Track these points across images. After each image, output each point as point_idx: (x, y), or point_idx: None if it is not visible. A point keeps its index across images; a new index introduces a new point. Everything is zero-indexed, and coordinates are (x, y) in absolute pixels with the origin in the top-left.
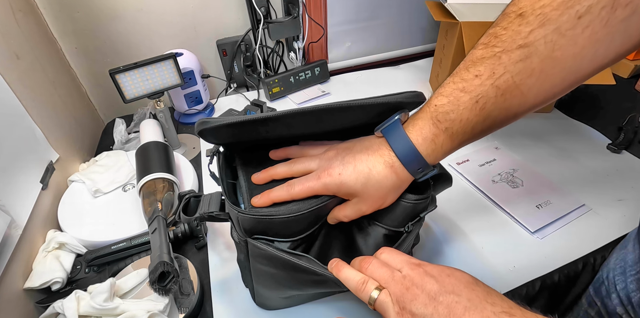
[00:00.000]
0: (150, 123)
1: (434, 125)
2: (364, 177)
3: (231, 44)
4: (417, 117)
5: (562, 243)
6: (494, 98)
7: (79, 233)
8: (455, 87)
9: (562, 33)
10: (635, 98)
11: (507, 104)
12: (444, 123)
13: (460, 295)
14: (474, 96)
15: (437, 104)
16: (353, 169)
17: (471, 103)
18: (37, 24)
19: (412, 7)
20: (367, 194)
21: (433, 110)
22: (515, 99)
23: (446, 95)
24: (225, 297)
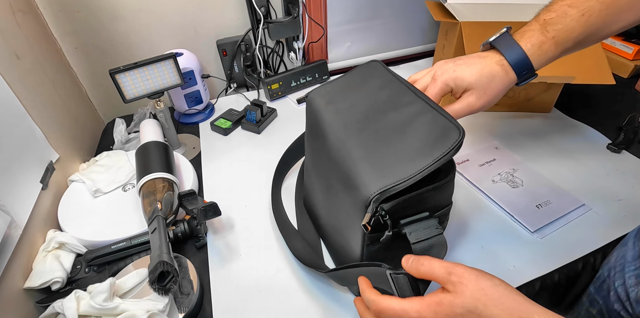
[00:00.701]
0: (150, 123)
1: (542, 34)
2: (478, 71)
3: (231, 44)
4: (526, 29)
5: (562, 243)
6: (597, 12)
7: (79, 233)
8: (564, 3)
9: None
10: (635, 98)
11: (608, 18)
12: (551, 32)
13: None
14: (581, 10)
15: (546, 18)
16: (466, 66)
17: (578, 15)
18: (37, 24)
19: (412, 7)
20: (480, 85)
21: (542, 22)
22: (615, 14)
23: (554, 11)
24: (225, 296)
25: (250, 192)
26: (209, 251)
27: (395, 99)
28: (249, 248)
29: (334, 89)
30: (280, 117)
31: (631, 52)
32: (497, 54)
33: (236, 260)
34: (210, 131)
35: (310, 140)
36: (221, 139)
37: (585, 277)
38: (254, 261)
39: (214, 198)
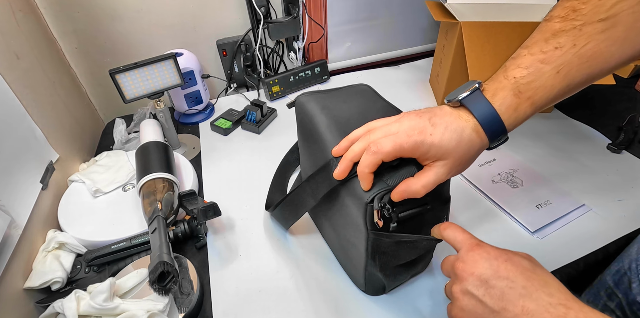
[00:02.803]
0: (150, 123)
1: (515, 96)
2: (457, 138)
3: (231, 44)
4: (496, 87)
5: (562, 243)
6: (577, 66)
7: (79, 233)
8: (535, 59)
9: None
10: (635, 98)
11: (590, 70)
12: (525, 93)
13: (515, 281)
14: (556, 66)
15: (517, 76)
16: (444, 129)
17: (553, 72)
18: (37, 24)
19: (412, 7)
20: (457, 156)
21: (513, 82)
22: (598, 64)
23: (525, 67)
24: (225, 296)
25: (250, 192)
26: (209, 251)
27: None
28: (249, 249)
29: (326, 97)
30: (280, 117)
31: None
32: (469, 115)
33: (236, 260)
34: (210, 131)
35: (305, 145)
36: (221, 139)
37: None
38: (254, 261)
39: (214, 198)
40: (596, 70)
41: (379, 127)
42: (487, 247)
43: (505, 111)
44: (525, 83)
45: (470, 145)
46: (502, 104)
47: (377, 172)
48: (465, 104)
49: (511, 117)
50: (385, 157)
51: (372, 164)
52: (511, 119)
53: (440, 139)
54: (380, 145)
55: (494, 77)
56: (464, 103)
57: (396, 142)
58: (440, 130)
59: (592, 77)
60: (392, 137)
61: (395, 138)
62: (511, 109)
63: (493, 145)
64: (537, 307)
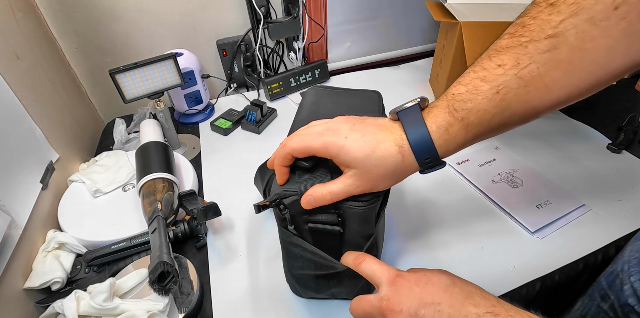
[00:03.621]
0: (150, 123)
1: (449, 114)
2: (370, 148)
3: (231, 44)
4: (434, 105)
5: (562, 243)
6: (515, 89)
7: (79, 233)
8: (475, 76)
9: (596, 23)
10: (635, 98)
11: (529, 97)
12: (460, 112)
13: (441, 302)
14: (495, 86)
15: (455, 93)
16: (360, 137)
17: (491, 93)
18: (37, 24)
19: (412, 7)
20: (366, 168)
21: (450, 98)
22: (538, 91)
23: (464, 84)
24: (225, 296)
25: (251, 192)
26: (209, 251)
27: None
28: (249, 249)
29: (329, 95)
30: (280, 117)
31: None
32: (400, 130)
33: (236, 260)
34: (210, 131)
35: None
36: (221, 139)
37: (585, 277)
38: (253, 261)
39: (214, 199)
40: (536, 98)
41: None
42: (407, 275)
43: (436, 130)
44: (461, 101)
45: (383, 159)
46: (433, 122)
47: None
48: (400, 117)
49: (442, 137)
50: (292, 151)
51: (280, 157)
52: (441, 139)
53: (351, 145)
54: (290, 140)
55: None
56: (399, 116)
57: (303, 139)
58: (356, 137)
59: (533, 108)
60: (304, 134)
61: (306, 136)
62: (442, 128)
63: (424, 170)
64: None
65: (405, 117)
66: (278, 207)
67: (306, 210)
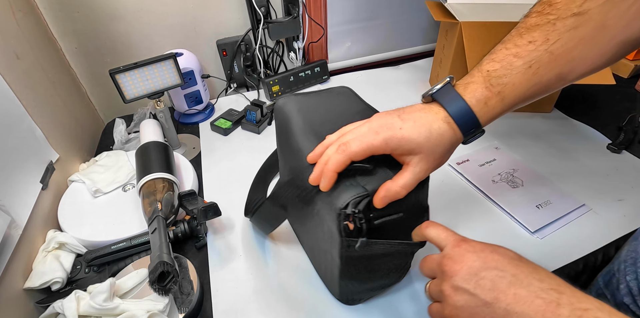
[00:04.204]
0: (150, 123)
1: (486, 89)
2: (426, 131)
3: (231, 44)
4: (469, 81)
5: (562, 243)
6: (546, 63)
7: (79, 233)
8: (508, 53)
9: (615, 4)
10: (635, 98)
11: (559, 70)
12: (496, 87)
13: (504, 270)
14: (527, 61)
15: (490, 69)
16: (414, 123)
17: (524, 68)
18: (37, 24)
19: (412, 7)
20: (430, 150)
21: (486, 75)
22: (567, 64)
23: (498, 61)
24: (225, 297)
25: None
26: (209, 251)
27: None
28: (249, 249)
29: (305, 100)
30: None
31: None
32: (441, 109)
33: (236, 260)
34: (210, 131)
35: (282, 149)
36: (221, 138)
37: (585, 277)
38: (253, 261)
39: (214, 199)
40: (565, 70)
41: (351, 130)
42: (472, 242)
43: (476, 104)
44: (496, 76)
45: (442, 137)
46: (472, 97)
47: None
48: (436, 98)
49: (482, 110)
50: (354, 156)
51: (338, 163)
52: (482, 112)
53: (410, 132)
54: (349, 145)
55: (470, 73)
56: (435, 97)
57: (363, 141)
58: (409, 125)
59: (562, 78)
60: (359, 136)
61: (363, 137)
62: (482, 102)
63: (467, 140)
64: (529, 293)
65: (442, 97)
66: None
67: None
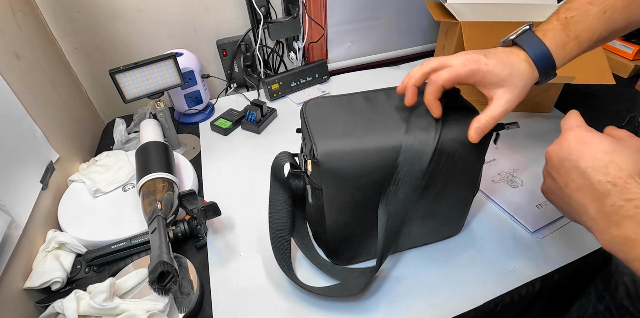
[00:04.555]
0: (150, 123)
1: (565, 35)
2: (509, 67)
3: (231, 44)
4: (547, 28)
5: (562, 243)
6: (620, 8)
7: (79, 233)
8: (584, 1)
9: None
10: (635, 98)
11: (630, 13)
12: (574, 31)
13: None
14: (602, 8)
15: (567, 17)
16: (498, 61)
17: (600, 13)
18: (37, 24)
19: (412, 7)
20: (513, 84)
21: (563, 21)
22: (638, 8)
23: (574, 9)
24: (225, 296)
25: (250, 192)
26: (209, 251)
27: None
28: (249, 248)
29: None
30: (280, 117)
31: (631, 52)
32: (522, 51)
33: (236, 260)
34: (210, 131)
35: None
36: (221, 138)
37: (585, 277)
38: (253, 261)
39: (214, 199)
40: (636, 13)
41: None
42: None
43: (555, 48)
44: (574, 22)
45: (523, 75)
46: (552, 42)
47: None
48: (518, 42)
49: (559, 54)
50: (444, 83)
51: (434, 91)
52: (559, 55)
53: (494, 67)
54: (438, 74)
55: (547, 20)
56: (516, 41)
57: (452, 71)
58: (493, 61)
59: (632, 22)
60: (449, 67)
61: (452, 68)
62: (560, 46)
63: (541, 80)
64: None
65: (524, 42)
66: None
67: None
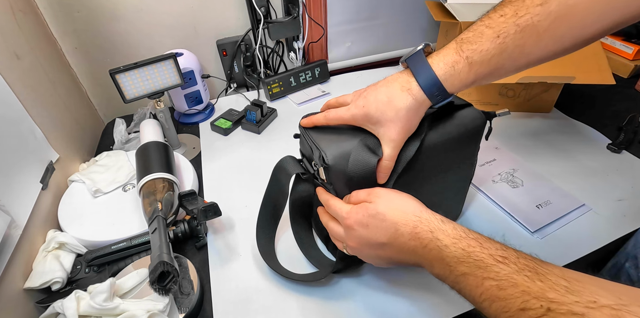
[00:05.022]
0: (150, 123)
1: (456, 53)
2: (383, 104)
3: (231, 44)
4: (445, 46)
5: (562, 243)
6: (513, 34)
7: (79, 233)
8: (482, 24)
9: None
10: (635, 98)
11: (523, 41)
12: (465, 52)
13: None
14: (496, 31)
15: (463, 37)
16: (374, 99)
17: (493, 36)
18: (37, 24)
19: (412, 7)
20: (388, 118)
21: (459, 41)
22: (531, 37)
23: (472, 30)
24: (225, 297)
25: (250, 192)
26: (209, 251)
27: None
28: (249, 248)
29: None
30: (280, 117)
31: (631, 52)
32: (408, 74)
33: (236, 260)
34: (210, 131)
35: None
36: (221, 138)
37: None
38: (253, 261)
39: (214, 199)
40: (528, 43)
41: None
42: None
43: (443, 67)
44: (467, 42)
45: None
46: (441, 60)
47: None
48: (408, 62)
49: (447, 73)
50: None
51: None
52: (448, 74)
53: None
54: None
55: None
56: (407, 61)
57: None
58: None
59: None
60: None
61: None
62: (448, 65)
63: (435, 103)
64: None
65: (411, 62)
66: None
67: None
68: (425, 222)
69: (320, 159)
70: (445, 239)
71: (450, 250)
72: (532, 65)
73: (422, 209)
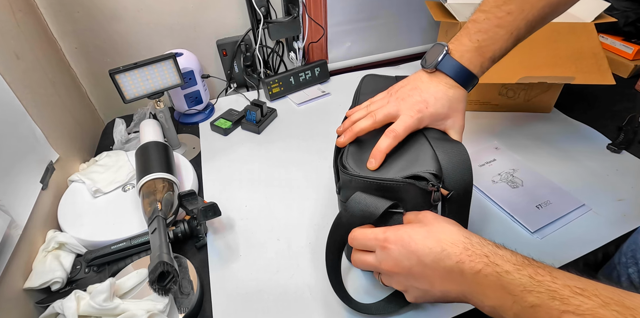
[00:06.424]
0: (150, 123)
1: (480, 56)
2: (445, 100)
3: (231, 44)
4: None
5: (562, 243)
6: (524, 28)
7: (78, 233)
8: (492, 24)
9: None
10: (635, 98)
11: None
12: (487, 53)
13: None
14: (509, 30)
15: (480, 39)
16: (435, 98)
17: (507, 35)
18: (37, 24)
19: (412, 7)
20: (455, 110)
21: (477, 44)
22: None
23: (485, 32)
24: (225, 297)
25: (250, 192)
26: (209, 251)
27: None
28: (249, 248)
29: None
30: (280, 117)
31: (631, 52)
32: (444, 76)
33: (236, 260)
34: (210, 131)
35: None
36: (221, 139)
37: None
38: (253, 261)
39: (214, 199)
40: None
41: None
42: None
43: (473, 68)
44: (486, 45)
45: (457, 99)
46: (470, 63)
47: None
48: (441, 69)
49: (478, 71)
50: (401, 138)
51: (390, 146)
52: (477, 71)
53: (434, 107)
54: (395, 131)
55: (459, 38)
56: (440, 68)
57: (405, 125)
58: (432, 100)
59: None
60: (399, 121)
61: (403, 122)
62: (477, 66)
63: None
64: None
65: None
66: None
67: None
68: (477, 245)
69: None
70: (506, 265)
71: (514, 277)
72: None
73: (472, 234)
